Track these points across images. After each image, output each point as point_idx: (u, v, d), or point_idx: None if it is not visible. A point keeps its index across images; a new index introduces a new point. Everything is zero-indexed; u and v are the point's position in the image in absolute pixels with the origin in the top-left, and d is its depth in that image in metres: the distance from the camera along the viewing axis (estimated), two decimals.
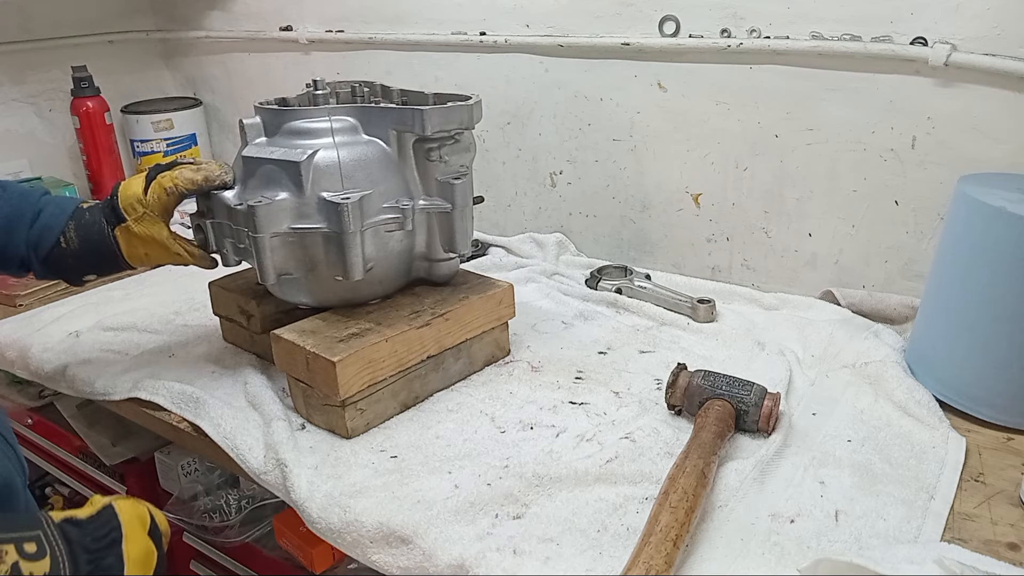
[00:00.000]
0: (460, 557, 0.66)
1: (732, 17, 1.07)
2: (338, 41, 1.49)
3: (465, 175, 0.90)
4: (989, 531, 0.68)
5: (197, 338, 1.07)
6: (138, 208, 0.86)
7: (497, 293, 0.95)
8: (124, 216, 0.86)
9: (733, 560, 0.65)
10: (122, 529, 0.60)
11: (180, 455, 1.15)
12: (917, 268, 1.04)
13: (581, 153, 1.29)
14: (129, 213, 0.85)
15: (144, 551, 0.61)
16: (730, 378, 0.83)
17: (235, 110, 1.74)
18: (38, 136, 1.64)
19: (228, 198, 0.87)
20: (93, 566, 0.57)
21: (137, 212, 0.86)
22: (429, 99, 0.94)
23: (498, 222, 1.43)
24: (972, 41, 0.92)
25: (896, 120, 1.00)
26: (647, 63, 1.17)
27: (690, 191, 1.20)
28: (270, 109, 0.90)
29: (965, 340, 0.83)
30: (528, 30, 1.26)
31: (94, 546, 0.57)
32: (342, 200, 0.81)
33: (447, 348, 0.90)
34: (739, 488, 0.73)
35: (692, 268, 1.24)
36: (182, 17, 1.74)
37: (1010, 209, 0.76)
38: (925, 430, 0.81)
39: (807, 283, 1.14)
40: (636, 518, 0.69)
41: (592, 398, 0.89)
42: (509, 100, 1.33)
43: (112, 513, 0.60)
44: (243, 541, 1.06)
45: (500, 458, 0.79)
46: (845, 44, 0.99)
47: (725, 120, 1.13)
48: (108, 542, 0.58)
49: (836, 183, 1.07)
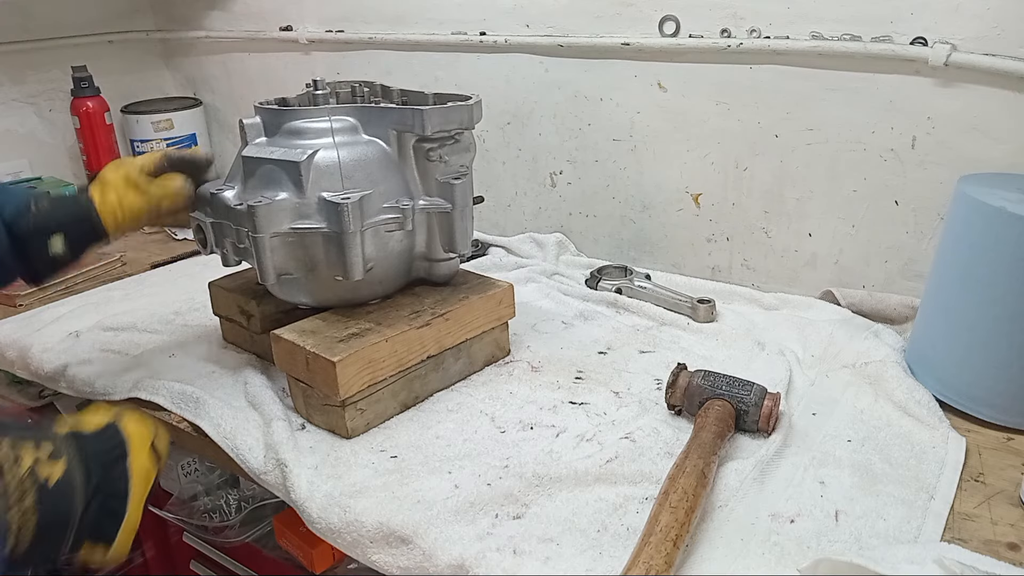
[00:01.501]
0: (460, 557, 0.66)
1: (732, 17, 1.07)
2: (338, 41, 1.49)
3: (465, 175, 0.90)
4: (989, 531, 0.68)
5: (197, 338, 1.07)
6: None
7: (497, 293, 0.95)
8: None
9: (733, 560, 0.65)
10: (127, 446, 0.62)
11: (180, 455, 1.15)
12: (917, 268, 1.04)
13: (581, 153, 1.29)
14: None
15: (146, 468, 0.63)
16: (730, 378, 0.83)
17: (235, 110, 1.74)
18: (38, 136, 1.64)
19: (228, 198, 0.87)
20: (102, 475, 0.59)
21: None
22: (429, 99, 0.94)
23: (498, 222, 1.43)
24: (972, 41, 0.92)
25: (896, 120, 1.00)
26: (647, 63, 1.17)
27: (690, 191, 1.20)
28: (270, 109, 0.90)
29: (965, 340, 0.83)
30: (528, 30, 1.26)
31: (103, 458, 0.60)
32: (342, 200, 0.81)
33: (447, 348, 0.90)
34: (739, 488, 0.73)
35: (692, 268, 1.24)
36: (182, 17, 1.74)
37: (1010, 209, 0.76)
38: (925, 430, 0.81)
39: (807, 283, 1.14)
40: (636, 518, 0.69)
41: (592, 398, 0.89)
42: (509, 100, 1.33)
43: (116, 430, 0.63)
44: (243, 541, 1.06)
45: (500, 458, 0.79)
46: (845, 44, 0.99)
47: (725, 120, 1.13)
48: (115, 456, 0.61)
49: (836, 183, 1.07)
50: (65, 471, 0.56)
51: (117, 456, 0.61)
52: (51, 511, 0.54)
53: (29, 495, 0.53)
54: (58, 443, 0.57)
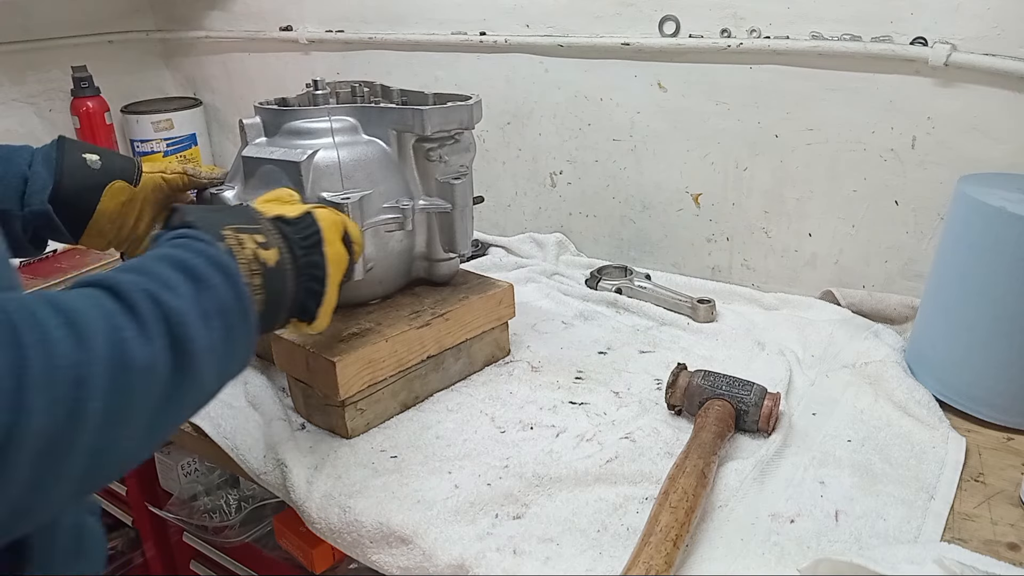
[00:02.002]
0: (460, 557, 0.66)
1: (732, 17, 1.07)
2: (338, 41, 1.49)
3: (465, 175, 0.90)
4: (989, 531, 0.68)
5: None
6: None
7: (497, 293, 0.95)
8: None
9: (733, 560, 0.65)
10: (321, 233, 0.68)
11: (180, 455, 1.15)
12: (917, 268, 1.04)
13: (581, 153, 1.29)
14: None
15: (339, 254, 0.70)
16: (730, 378, 0.83)
17: (235, 110, 1.74)
18: (38, 136, 1.64)
19: (228, 198, 0.87)
20: (304, 259, 0.66)
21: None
22: (429, 99, 0.94)
23: (498, 222, 1.43)
24: (972, 41, 0.92)
25: (896, 120, 1.00)
26: (647, 63, 1.17)
27: (690, 191, 1.20)
28: (270, 109, 0.90)
29: (965, 340, 0.83)
30: (528, 30, 1.26)
31: (303, 244, 0.66)
32: (342, 200, 0.81)
33: (447, 348, 0.90)
34: (739, 488, 0.73)
35: (692, 268, 1.24)
36: (182, 17, 1.74)
37: (1010, 209, 0.76)
38: (925, 430, 0.81)
39: (807, 283, 1.14)
40: (636, 518, 0.69)
41: (592, 398, 0.89)
42: (509, 100, 1.33)
43: (312, 219, 0.68)
44: (243, 541, 1.06)
45: (500, 458, 0.79)
46: (845, 44, 0.99)
47: (725, 120, 1.13)
48: (313, 242, 0.67)
49: (836, 183, 1.07)
50: (279, 257, 0.63)
51: (315, 243, 0.67)
52: (272, 290, 0.62)
53: (257, 275, 0.60)
54: (268, 231, 0.64)
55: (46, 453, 0.41)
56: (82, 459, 0.43)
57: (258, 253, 0.61)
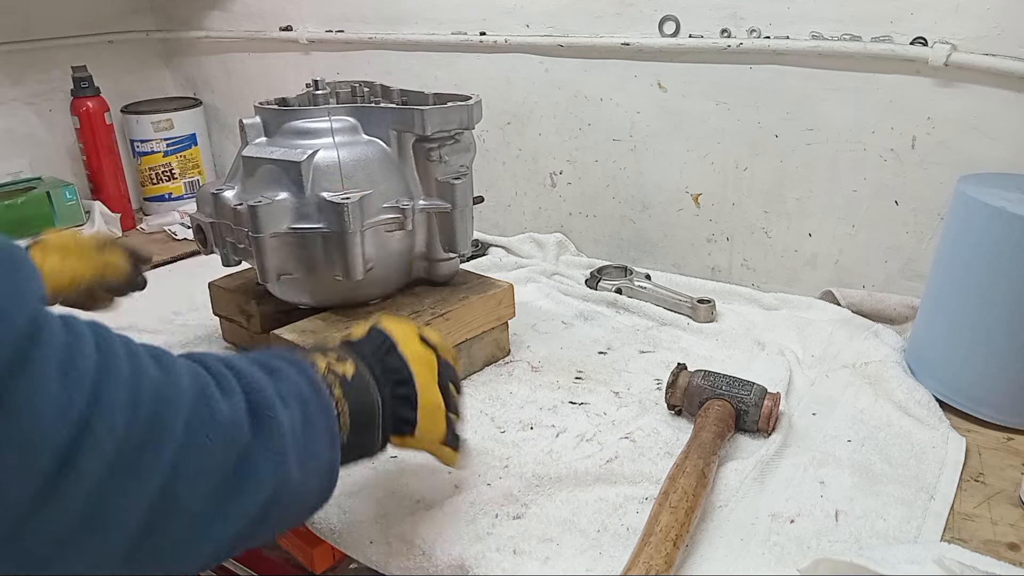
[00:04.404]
0: (460, 557, 0.66)
1: (732, 17, 1.07)
2: (338, 41, 1.49)
3: (465, 175, 0.90)
4: (989, 531, 0.68)
5: (197, 338, 1.07)
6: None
7: (497, 293, 0.95)
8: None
9: (733, 560, 0.65)
10: (393, 338, 0.64)
11: None
12: (917, 268, 1.04)
13: (581, 153, 1.29)
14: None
15: (418, 353, 0.65)
16: (730, 378, 0.83)
17: (235, 110, 1.74)
18: (38, 136, 1.64)
19: (228, 198, 0.87)
20: (381, 367, 0.62)
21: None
22: (429, 99, 0.94)
23: (498, 222, 1.43)
24: (972, 41, 0.92)
25: (896, 120, 1.00)
26: (647, 63, 1.17)
27: (690, 191, 1.20)
28: (270, 109, 0.90)
29: (965, 340, 0.83)
30: (528, 30, 1.26)
31: (376, 353, 0.63)
32: (342, 200, 0.81)
33: None
34: (739, 488, 0.73)
35: (692, 268, 1.24)
36: (182, 17, 1.74)
37: (1010, 209, 0.76)
38: (925, 430, 0.81)
39: (807, 283, 1.14)
40: (636, 518, 0.69)
41: (592, 398, 0.89)
42: (509, 100, 1.33)
43: (378, 330, 0.65)
44: None
45: (500, 458, 0.79)
46: (845, 44, 0.99)
47: (725, 120, 1.13)
48: (386, 348, 0.64)
49: (836, 183, 1.07)
50: (356, 368, 0.60)
51: (388, 348, 0.64)
52: (355, 401, 0.58)
53: (336, 387, 0.57)
54: (339, 350, 0.62)
55: (117, 469, 0.39)
56: (151, 493, 0.41)
57: (332, 366, 0.58)
